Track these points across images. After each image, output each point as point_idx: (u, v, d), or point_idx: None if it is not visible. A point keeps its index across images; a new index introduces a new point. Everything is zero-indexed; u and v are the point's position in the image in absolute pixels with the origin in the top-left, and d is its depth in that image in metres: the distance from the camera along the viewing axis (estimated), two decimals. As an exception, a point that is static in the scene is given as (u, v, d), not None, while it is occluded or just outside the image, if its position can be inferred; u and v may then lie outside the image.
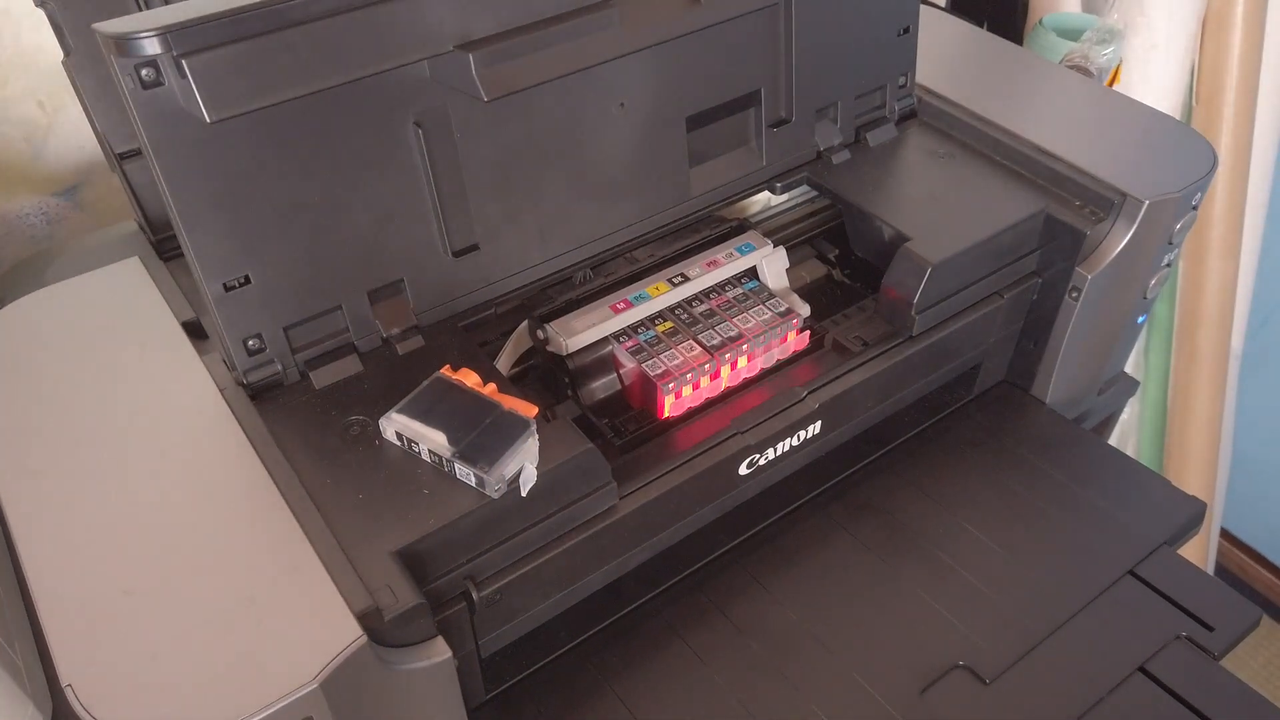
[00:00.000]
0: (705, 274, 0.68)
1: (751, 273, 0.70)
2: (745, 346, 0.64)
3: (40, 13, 0.61)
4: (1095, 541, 0.66)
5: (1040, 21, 1.07)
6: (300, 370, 0.56)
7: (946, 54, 0.83)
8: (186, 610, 0.45)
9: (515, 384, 0.61)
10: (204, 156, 0.50)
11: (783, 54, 0.68)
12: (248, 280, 0.54)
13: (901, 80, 0.76)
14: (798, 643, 0.61)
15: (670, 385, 0.61)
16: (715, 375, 0.64)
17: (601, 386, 0.64)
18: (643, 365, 0.62)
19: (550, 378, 0.65)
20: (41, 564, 0.48)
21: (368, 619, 0.45)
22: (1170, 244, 0.72)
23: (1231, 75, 1.15)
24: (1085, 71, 0.99)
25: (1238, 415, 1.45)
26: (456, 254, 0.60)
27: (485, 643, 0.55)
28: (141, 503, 0.50)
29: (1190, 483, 1.39)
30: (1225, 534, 1.68)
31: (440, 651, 0.48)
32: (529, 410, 0.45)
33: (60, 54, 0.62)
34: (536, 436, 0.45)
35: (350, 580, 0.47)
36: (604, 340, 0.64)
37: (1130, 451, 1.41)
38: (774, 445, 0.62)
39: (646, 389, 0.63)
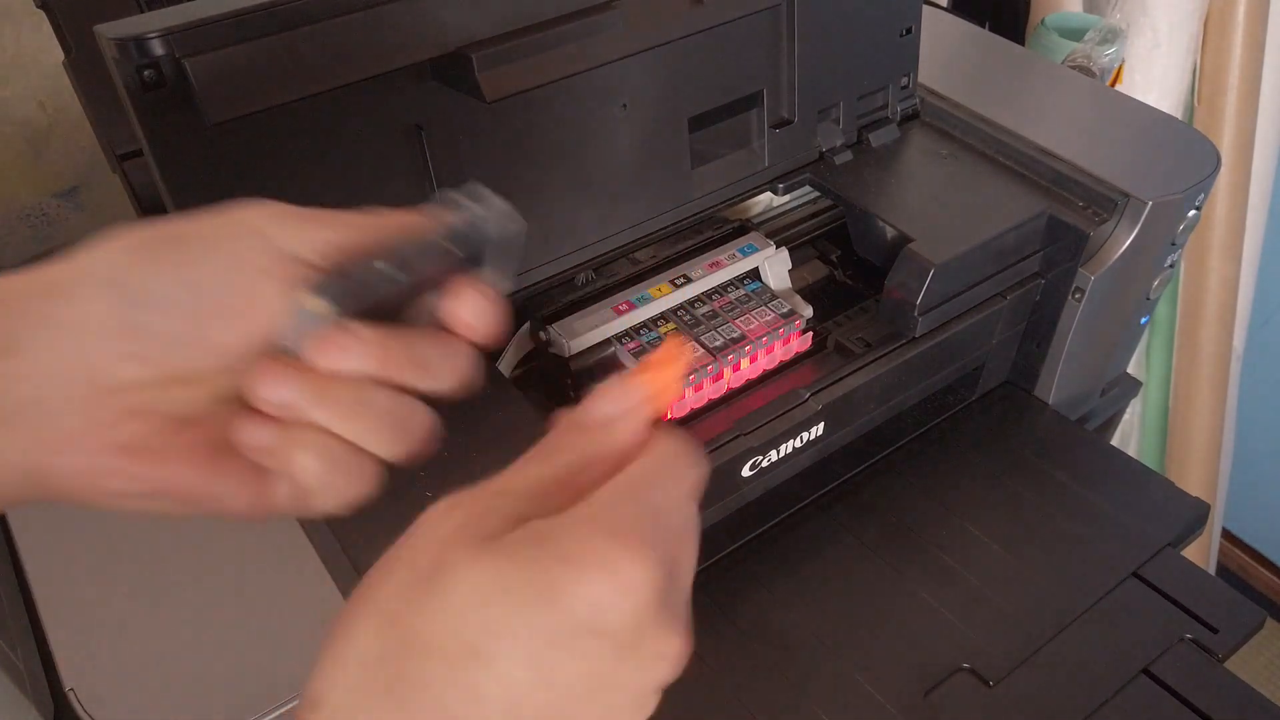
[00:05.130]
0: (708, 275, 0.68)
1: (754, 274, 0.70)
2: (748, 348, 0.64)
3: (40, 13, 0.61)
4: (1098, 543, 0.66)
5: (1042, 22, 1.07)
6: (302, 372, 0.56)
7: (949, 55, 0.83)
8: (189, 614, 0.45)
9: (518, 386, 0.61)
10: (205, 158, 0.50)
11: (785, 55, 0.68)
12: (249, 282, 0.53)
13: (904, 81, 0.76)
14: (801, 645, 0.61)
15: (673, 387, 0.61)
16: (718, 377, 0.63)
17: (604, 388, 0.64)
18: (645, 367, 0.62)
19: (553, 380, 0.65)
20: (43, 568, 0.47)
21: (370, 622, 0.45)
22: (1173, 245, 0.72)
23: (1233, 75, 1.15)
24: (1088, 72, 0.99)
25: (1239, 415, 1.45)
26: (458, 255, 0.60)
27: (488, 645, 0.55)
28: (143, 506, 0.50)
29: (1192, 483, 1.39)
30: (1227, 534, 1.68)
31: (443, 655, 0.48)
32: None
33: (60, 54, 0.62)
34: None
35: (354, 584, 0.46)
36: (606, 342, 0.64)
37: (1131, 451, 1.41)
38: (777, 447, 0.62)
39: (649, 391, 0.62)
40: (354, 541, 0.48)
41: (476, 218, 0.32)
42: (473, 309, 0.32)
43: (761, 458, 0.61)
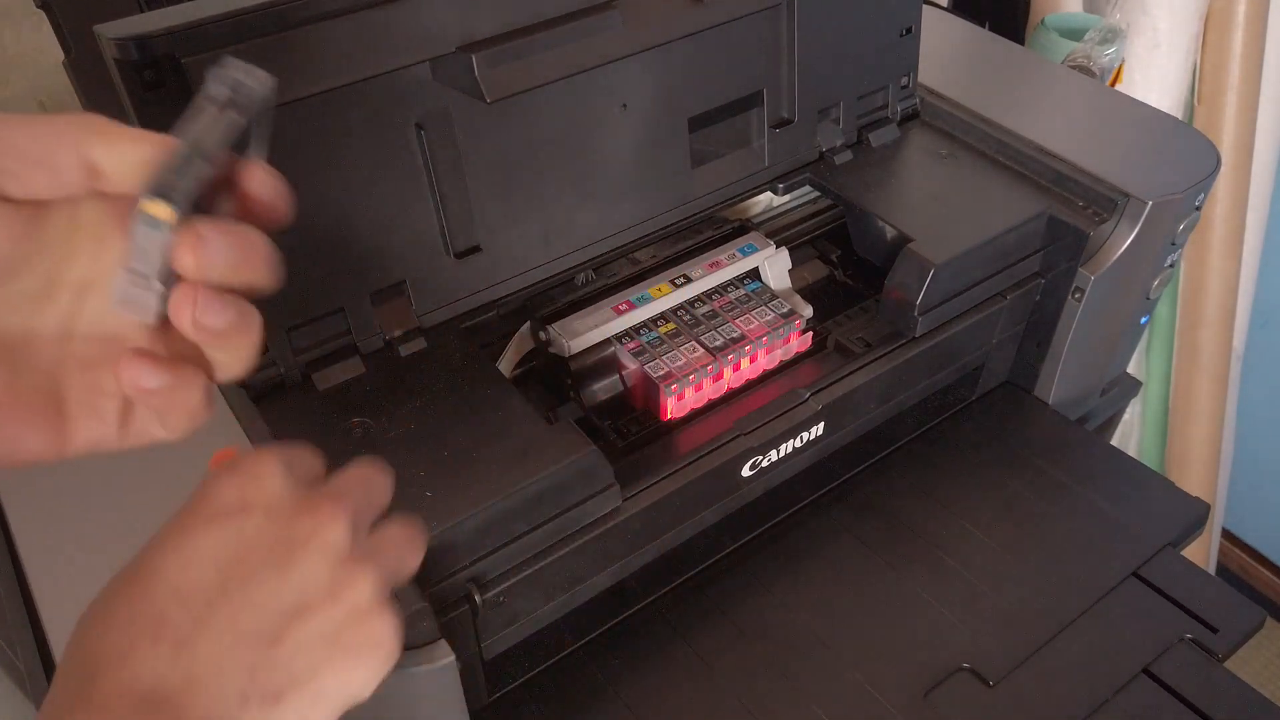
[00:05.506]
0: (707, 275, 0.68)
1: (754, 274, 0.70)
2: (748, 348, 0.64)
3: (40, 13, 0.61)
4: (1099, 543, 0.66)
5: (1042, 22, 1.07)
6: (302, 372, 0.56)
7: (949, 54, 0.83)
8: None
9: (518, 385, 0.61)
10: (205, 158, 0.50)
11: (785, 54, 0.68)
12: (249, 282, 0.53)
13: (904, 81, 0.76)
14: (801, 645, 0.61)
15: (673, 386, 0.61)
16: (718, 376, 0.63)
17: (604, 388, 0.64)
18: (645, 366, 0.62)
19: (553, 379, 0.65)
20: (43, 566, 0.47)
21: (370, 622, 0.45)
22: (1173, 245, 0.72)
23: (1233, 75, 1.15)
24: (1088, 71, 0.99)
25: (1239, 415, 1.45)
26: (459, 255, 0.60)
27: (488, 646, 0.55)
28: (143, 504, 0.50)
29: (1191, 483, 1.39)
30: (1227, 534, 1.68)
31: (443, 655, 0.48)
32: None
33: (60, 54, 0.61)
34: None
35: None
36: (606, 341, 0.64)
37: (1131, 451, 1.41)
38: (777, 447, 0.62)
39: (649, 390, 0.63)
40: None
41: (234, 79, 0.31)
42: (265, 185, 0.32)
43: (761, 458, 0.61)
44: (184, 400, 0.32)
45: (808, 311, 0.67)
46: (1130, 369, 0.87)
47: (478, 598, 0.51)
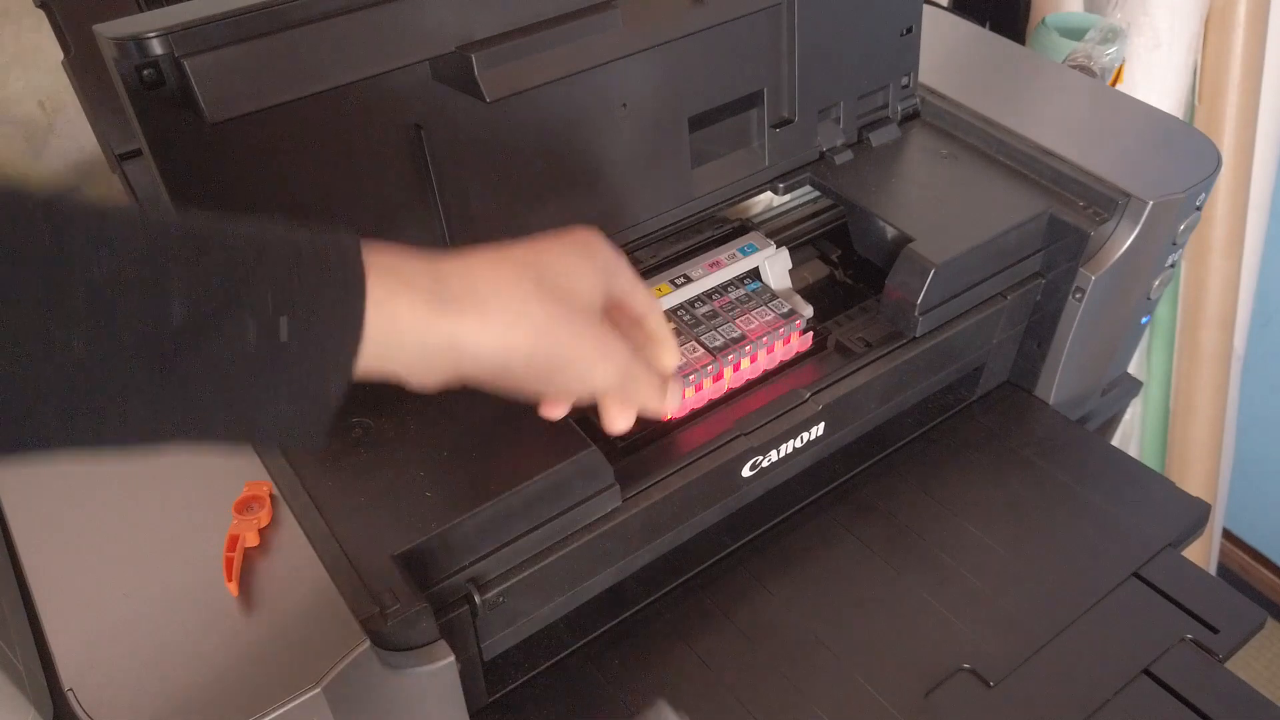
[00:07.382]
0: (708, 275, 0.68)
1: (754, 273, 0.70)
2: (748, 348, 0.64)
3: (40, 12, 0.61)
4: (1099, 543, 0.66)
5: (1043, 21, 1.07)
6: (302, 372, 0.56)
7: (949, 54, 0.83)
8: (188, 613, 0.45)
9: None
10: (205, 158, 0.50)
11: (785, 54, 0.68)
12: (249, 282, 0.53)
13: (904, 80, 0.76)
14: (801, 645, 0.61)
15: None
16: (718, 376, 0.63)
17: (604, 388, 0.64)
18: (645, 367, 0.62)
19: (552, 379, 0.65)
20: (43, 567, 0.47)
21: (370, 623, 0.45)
22: (1174, 245, 0.72)
23: (1234, 74, 1.15)
24: (1088, 71, 0.99)
25: (1240, 415, 1.45)
26: (458, 255, 0.59)
27: (488, 646, 0.55)
28: (143, 505, 0.50)
29: (1192, 483, 1.39)
30: (1227, 534, 1.68)
31: (443, 655, 0.48)
32: None
33: (60, 54, 0.61)
34: None
35: (353, 584, 0.46)
36: (606, 341, 0.64)
37: (1132, 452, 1.41)
38: (777, 447, 0.62)
39: (649, 390, 0.62)
40: (353, 545, 0.48)
41: None
42: None
43: (762, 458, 0.61)
44: None
45: (808, 311, 0.67)
46: (1131, 369, 0.87)
47: (477, 598, 0.51)
